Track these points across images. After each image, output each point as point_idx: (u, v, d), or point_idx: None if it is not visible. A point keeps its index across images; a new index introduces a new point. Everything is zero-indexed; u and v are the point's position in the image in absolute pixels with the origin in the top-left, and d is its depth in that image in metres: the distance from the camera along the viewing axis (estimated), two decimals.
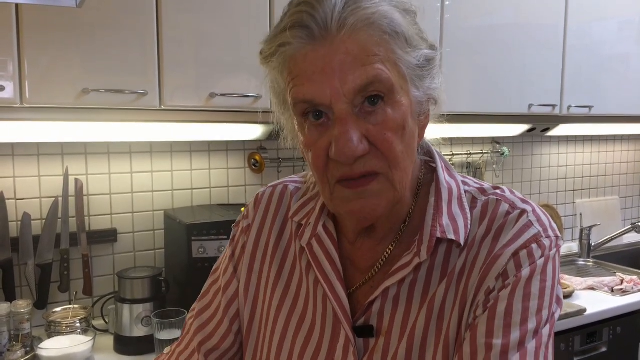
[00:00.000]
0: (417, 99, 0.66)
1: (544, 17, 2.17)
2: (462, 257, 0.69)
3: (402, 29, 0.62)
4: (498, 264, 0.65)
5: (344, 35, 0.60)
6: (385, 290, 0.70)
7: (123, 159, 1.79)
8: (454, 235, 0.68)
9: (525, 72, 2.14)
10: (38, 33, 1.34)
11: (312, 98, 0.61)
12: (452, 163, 2.40)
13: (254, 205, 0.83)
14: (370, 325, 0.70)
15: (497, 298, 0.64)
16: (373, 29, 0.61)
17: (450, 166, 0.76)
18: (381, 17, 0.61)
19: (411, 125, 0.65)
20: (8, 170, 1.63)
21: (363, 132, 0.61)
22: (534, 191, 2.74)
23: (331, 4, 0.60)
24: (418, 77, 0.65)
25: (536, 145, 2.72)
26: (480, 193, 0.73)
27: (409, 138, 0.65)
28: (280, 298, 0.77)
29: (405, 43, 0.63)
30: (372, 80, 0.60)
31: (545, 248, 0.66)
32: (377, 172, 0.63)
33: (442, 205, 0.70)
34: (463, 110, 1.99)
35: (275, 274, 0.78)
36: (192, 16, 1.51)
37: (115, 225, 1.79)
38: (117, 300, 1.63)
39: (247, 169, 1.99)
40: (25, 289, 1.65)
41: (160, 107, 1.49)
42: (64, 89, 1.37)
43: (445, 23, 1.93)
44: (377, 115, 0.62)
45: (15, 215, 1.64)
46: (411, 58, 0.64)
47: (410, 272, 0.69)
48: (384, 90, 0.61)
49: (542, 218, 0.69)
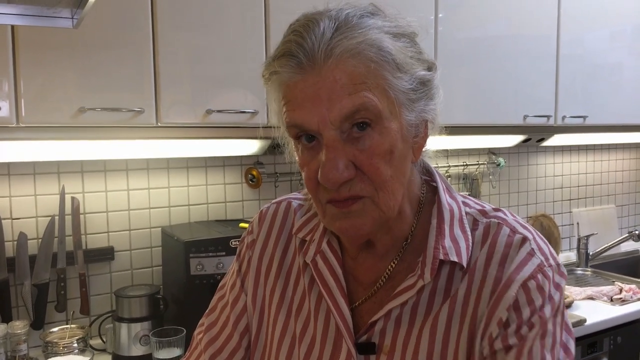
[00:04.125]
0: (409, 121, 0.66)
1: (536, 28, 2.19)
2: (465, 279, 0.69)
3: (391, 55, 0.63)
4: (508, 295, 0.66)
5: (331, 65, 0.61)
6: (388, 311, 0.70)
7: (119, 176, 1.78)
8: (457, 257, 0.69)
9: (520, 83, 2.15)
10: (33, 52, 1.33)
11: (302, 124, 0.64)
12: (448, 175, 2.40)
13: (259, 221, 0.85)
14: (372, 342, 0.71)
15: (522, 338, 0.64)
16: (360, 58, 0.62)
17: (450, 186, 0.77)
18: (368, 45, 0.62)
19: (401, 149, 0.66)
20: (4, 189, 1.62)
21: (350, 157, 0.63)
22: (530, 201, 2.75)
23: (319, 33, 0.62)
24: (411, 101, 0.66)
25: (532, 156, 2.73)
26: (481, 215, 0.73)
27: (399, 161, 0.66)
28: (286, 313, 0.78)
29: (395, 69, 0.64)
30: (358, 108, 0.61)
31: (550, 278, 0.67)
32: (362, 196, 0.65)
33: (444, 227, 0.71)
34: (458, 122, 1.99)
35: (281, 289, 0.79)
36: (187, 33, 1.51)
37: (112, 243, 1.78)
38: (114, 319, 1.62)
39: (244, 184, 1.99)
40: (21, 309, 1.63)
41: (157, 125, 1.49)
42: (60, 108, 1.37)
43: (439, 35, 1.94)
44: (365, 141, 0.63)
45: (11, 235, 1.63)
46: (403, 82, 0.64)
47: (414, 294, 0.69)
48: (370, 117, 0.62)
49: (542, 246, 0.70)
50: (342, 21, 0.63)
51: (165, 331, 1.54)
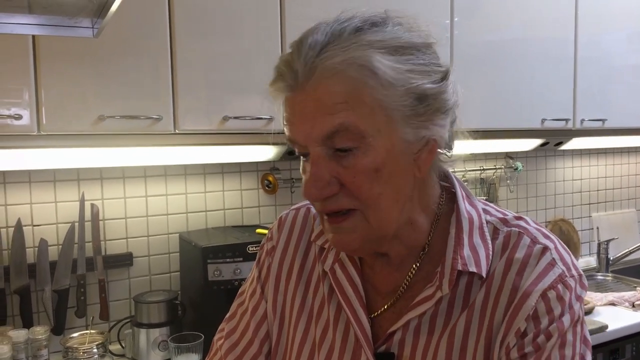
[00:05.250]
0: (406, 138, 0.64)
1: (553, 31, 2.17)
2: (483, 289, 0.68)
3: (379, 72, 0.61)
4: (527, 304, 0.65)
5: (313, 83, 0.62)
6: (407, 321, 0.70)
7: (138, 183, 1.80)
8: (475, 267, 0.68)
9: (537, 86, 2.13)
10: (54, 62, 1.36)
11: (294, 139, 0.66)
12: (465, 180, 2.39)
13: (278, 228, 0.85)
14: (392, 352, 0.70)
15: (539, 348, 0.64)
16: (341, 77, 0.61)
17: (471, 194, 0.76)
18: (350, 64, 0.61)
19: (393, 166, 0.64)
20: (25, 197, 1.65)
21: (334, 173, 0.63)
22: (549, 205, 2.72)
23: (305, 50, 0.62)
24: (407, 117, 0.63)
25: (550, 159, 2.71)
26: (502, 224, 0.72)
27: (389, 178, 0.64)
28: (307, 320, 0.78)
29: (383, 85, 0.61)
30: (337, 128, 0.61)
31: (572, 289, 0.66)
32: (351, 209, 0.65)
33: (462, 236, 0.70)
34: (475, 127, 1.96)
35: (301, 296, 0.79)
36: (204, 40, 1.52)
37: (130, 249, 1.80)
38: (133, 324, 1.63)
39: (261, 190, 2.00)
40: (42, 315, 1.66)
41: (174, 132, 1.50)
42: (80, 116, 1.39)
43: (455, 39, 1.93)
44: (349, 158, 0.63)
45: (32, 242, 1.65)
46: (394, 99, 0.62)
47: (432, 305, 0.69)
48: (351, 137, 0.62)
49: (564, 256, 0.69)
50: (333, 37, 0.62)
51: (183, 337, 1.55)
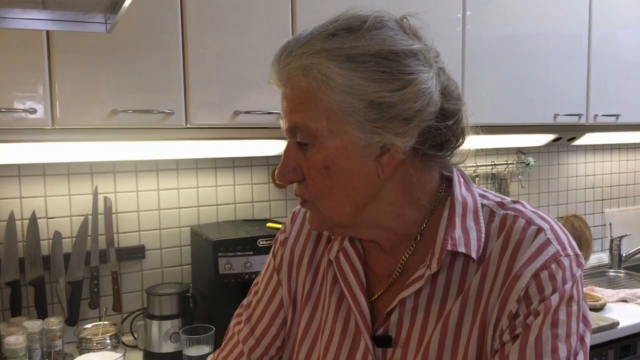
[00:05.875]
0: (359, 141, 0.67)
1: (567, 25, 2.15)
2: (478, 272, 0.70)
3: (332, 78, 0.65)
4: (518, 286, 0.66)
5: (284, 83, 0.69)
6: (402, 301, 0.72)
7: (150, 176, 1.82)
8: (465, 248, 0.69)
9: (550, 81, 2.12)
10: (68, 56, 1.37)
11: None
12: (476, 175, 2.38)
13: (291, 220, 0.89)
14: (389, 335, 0.72)
15: (527, 327, 0.64)
16: (299, 80, 0.67)
17: (469, 180, 0.77)
18: (307, 70, 0.66)
19: (345, 165, 0.68)
20: (39, 189, 1.67)
21: (299, 162, 0.71)
22: (561, 201, 2.70)
23: (279, 53, 0.69)
24: (359, 121, 0.66)
25: (562, 155, 2.69)
26: (498, 207, 0.73)
27: (342, 175, 0.69)
28: (312, 307, 0.81)
29: (336, 91, 0.65)
30: (294, 126, 0.69)
31: (566, 268, 0.66)
32: (305, 199, 0.73)
33: (454, 219, 0.71)
34: (487, 122, 1.95)
35: (310, 284, 0.83)
36: (215, 35, 1.53)
37: (143, 241, 1.82)
38: (145, 316, 1.65)
39: (271, 184, 2.01)
40: (56, 306, 1.68)
41: (186, 126, 1.51)
42: (93, 110, 1.41)
43: (467, 33, 1.92)
44: (307, 152, 0.70)
45: (46, 234, 1.67)
46: (346, 104, 0.66)
47: (426, 285, 0.71)
48: (304, 135, 0.69)
49: (560, 236, 0.69)
50: (299, 43, 0.68)
51: (195, 329, 1.56)
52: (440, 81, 0.69)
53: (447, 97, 0.70)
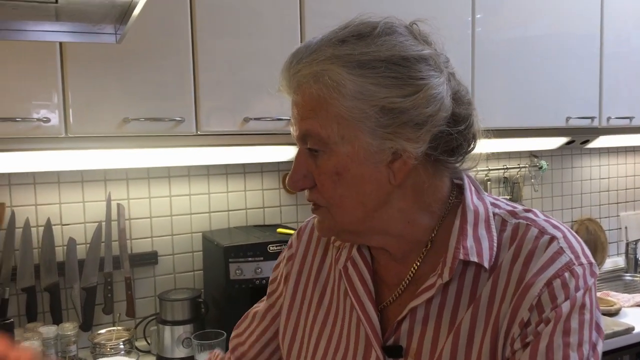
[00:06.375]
0: (370, 147, 0.67)
1: (579, 27, 2.13)
2: (489, 281, 0.69)
3: (343, 84, 0.65)
4: (530, 294, 0.65)
5: (295, 90, 0.70)
6: (412, 310, 0.71)
7: (162, 183, 1.84)
8: (477, 257, 0.69)
9: (562, 84, 2.10)
10: (80, 66, 1.40)
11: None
12: (488, 179, 2.36)
13: (297, 236, 0.90)
14: (399, 345, 0.72)
15: (538, 335, 0.64)
16: (310, 87, 0.67)
17: (481, 188, 0.77)
18: (318, 76, 0.66)
19: (356, 171, 0.68)
20: (54, 197, 1.70)
21: (310, 169, 0.71)
22: (575, 205, 2.67)
23: (290, 60, 0.69)
24: (371, 127, 0.66)
25: (576, 158, 2.66)
26: (510, 216, 0.72)
27: (354, 182, 0.69)
28: (322, 321, 0.81)
29: (347, 97, 0.65)
30: (304, 133, 0.69)
31: (579, 276, 0.66)
32: (318, 205, 0.73)
33: (466, 227, 0.71)
34: (498, 125, 1.96)
35: (318, 298, 0.83)
36: (224, 41, 1.55)
37: (155, 247, 1.84)
38: (158, 321, 1.67)
39: (282, 190, 2.02)
40: (71, 312, 1.71)
41: (196, 133, 1.53)
42: (106, 118, 1.43)
43: (477, 36, 1.92)
44: (317, 159, 0.70)
45: (61, 240, 1.70)
46: (357, 110, 0.66)
47: (437, 294, 0.70)
48: (316, 142, 0.68)
49: (573, 244, 0.68)
50: (309, 50, 0.68)
51: (206, 334, 1.57)
52: (451, 86, 0.69)
53: (458, 102, 0.70)
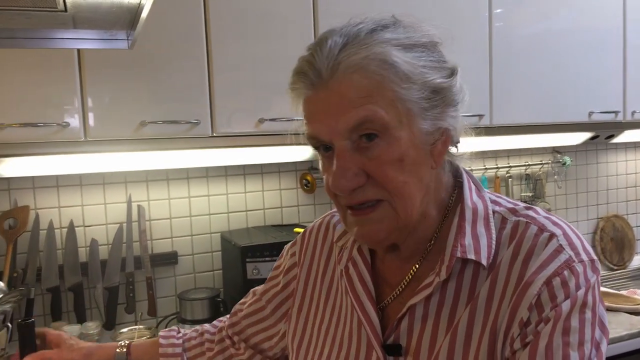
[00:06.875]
0: (423, 129, 0.67)
1: (600, 20, 2.09)
2: (488, 280, 0.68)
3: (398, 67, 0.65)
4: (530, 293, 0.64)
5: (337, 80, 0.65)
6: (411, 308, 0.71)
7: (181, 184, 1.87)
8: (475, 255, 0.68)
9: (584, 78, 2.06)
10: (97, 71, 1.43)
11: (317, 135, 0.68)
12: (509, 175, 2.33)
13: (301, 240, 0.91)
14: (399, 344, 0.72)
15: (537, 334, 0.63)
16: (364, 72, 0.64)
17: (481, 186, 0.77)
18: (372, 59, 0.64)
19: (414, 156, 0.66)
20: (77, 199, 1.75)
21: (360, 165, 0.66)
22: (601, 201, 2.61)
23: (326, 50, 0.65)
24: (424, 109, 0.66)
25: (601, 153, 2.60)
26: (510, 213, 0.72)
27: (412, 168, 0.67)
28: (328, 322, 0.82)
29: (402, 80, 0.65)
30: (363, 120, 0.64)
31: (579, 274, 0.65)
32: (379, 199, 0.67)
33: (464, 225, 0.71)
34: (519, 121, 1.93)
35: (324, 300, 0.84)
36: (238, 44, 1.56)
37: (175, 248, 1.87)
38: (178, 320, 1.70)
39: (299, 190, 2.03)
40: (94, 311, 1.75)
41: (212, 135, 1.55)
42: (124, 122, 1.46)
43: (496, 31, 1.89)
44: (373, 150, 0.66)
45: (84, 242, 1.75)
46: (412, 92, 0.65)
47: (436, 292, 0.70)
48: (377, 128, 0.65)
49: (573, 241, 0.67)
50: (351, 37, 0.66)
51: None
52: None
53: None
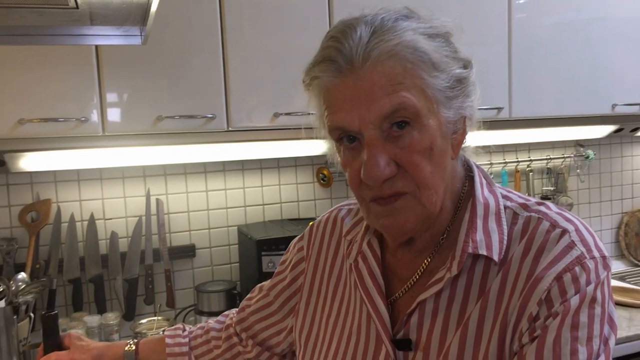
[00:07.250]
0: (448, 118, 0.67)
1: (624, 9, 2.03)
2: (499, 275, 0.68)
3: (427, 55, 0.65)
4: (540, 288, 0.64)
5: (369, 67, 0.63)
6: (421, 303, 0.71)
7: (199, 178, 1.89)
8: (486, 251, 0.68)
9: (608, 70, 2.01)
10: (116, 68, 1.46)
11: (344, 125, 0.66)
12: (530, 170, 2.29)
13: (309, 234, 0.91)
14: (409, 339, 0.72)
15: (545, 328, 0.63)
16: (396, 59, 0.64)
17: (492, 180, 0.76)
18: (404, 47, 0.64)
19: (440, 145, 0.67)
20: (97, 192, 1.78)
21: (391, 155, 0.65)
22: (625, 195, 2.55)
23: (356, 37, 0.64)
24: (448, 98, 0.67)
25: (626, 146, 2.54)
26: (522, 209, 0.71)
27: (439, 158, 0.67)
28: (336, 316, 0.82)
29: (431, 68, 0.65)
30: (396, 107, 0.63)
31: (591, 270, 0.64)
32: (404, 192, 0.66)
33: (476, 220, 0.70)
34: (541, 114, 1.90)
35: (332, 294, 0.83)
36: (253, 38, 1.57)
37: (193, 241, 1.89)
38: (196, 312, 1.72)
39: (316, 184, 2.03)
40: (114, 302, 1.79)
41: (228, 129, 1.56)
42: (141, 117, 1.49)
43: (517, 22, 1.86)
44: (405, 139, 0.65)
45: (104, 234, 1.78)
46: (439, 81, 0.65)
47: (446, 287, 0.70)
48: (409, 115, 0.64)
49: (585, 237, 0.66)
50: (378, 25, 0.65)
51: None
52: None
53: None
